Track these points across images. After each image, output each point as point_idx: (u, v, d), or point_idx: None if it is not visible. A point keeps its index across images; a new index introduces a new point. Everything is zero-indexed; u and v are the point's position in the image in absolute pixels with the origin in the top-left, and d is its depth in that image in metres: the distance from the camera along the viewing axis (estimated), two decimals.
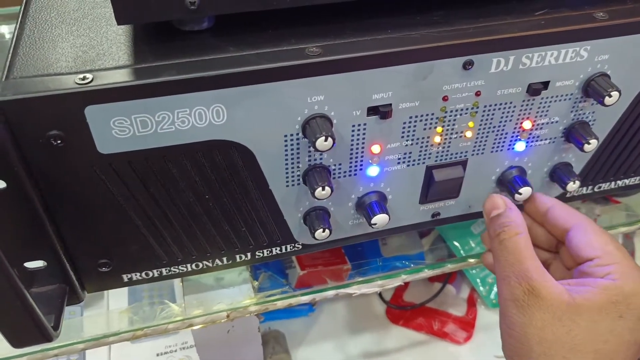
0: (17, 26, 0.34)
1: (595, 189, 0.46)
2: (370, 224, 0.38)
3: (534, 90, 0.36)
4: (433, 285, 0.63)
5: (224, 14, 0.32)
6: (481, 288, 0.61)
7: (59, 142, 0.30)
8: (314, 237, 0.37)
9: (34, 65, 0.30)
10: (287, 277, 0.59)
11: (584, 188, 0.45)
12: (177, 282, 0.47)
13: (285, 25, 0.34)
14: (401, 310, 0.62)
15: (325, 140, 0.32)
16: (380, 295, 0.63)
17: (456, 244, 0.59)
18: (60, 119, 0.29)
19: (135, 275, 0.38)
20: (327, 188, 0.34)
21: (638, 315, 0.33)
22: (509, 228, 0.35)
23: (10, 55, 0.31)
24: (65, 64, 0.30)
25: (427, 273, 0.46)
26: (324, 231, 0.37)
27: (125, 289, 0.56)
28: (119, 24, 0.30)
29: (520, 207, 0.40)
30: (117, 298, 0.55)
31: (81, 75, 0.29)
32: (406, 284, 0.66)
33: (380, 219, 0.38)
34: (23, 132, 0.29)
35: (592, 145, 0.39)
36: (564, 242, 0.37)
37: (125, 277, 0.38)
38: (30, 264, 0.34)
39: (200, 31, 0.33)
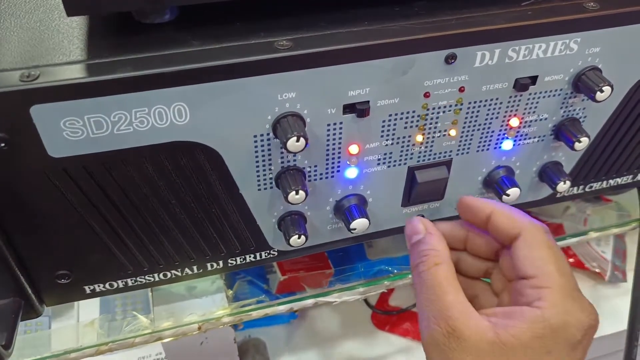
0: None
1: (587, 189, 0.44)
2: (350, 229, 0.36)
3: (522, 85, 0.34)
4: None
5: (188, 4, 0.29)
6: None
7: (2, 145, 0.27)
8: (289, 244, 0.35)
9: None
10: (268, 282, 0.57)
11: (575, 188, 0.43)
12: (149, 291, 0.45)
13: (254, 17, 0.31)
14: (387, 315, 0.59)
15: (297, 140, 0.29)
16: (365, 300, 0.61)
17: None
18: (3, 119, 0.26)
19: (99, 286, 0.36)
20: (301, 192, 0.32)
21: (567, 349, 0.29)
22: (427, 258, 0.32)
23: None
24: (10, 59, 0.28)
25: (411, 279, 0.44)
26: (299, 237, 0.35)
27: (97, 299, 0.53)
28: (69, 15, 0.27)
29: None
30: (88, 308, 0.52)
31: (27, 72, 0.26)
32: (391, 288, 0.64)
33: (359, 224, 0.35)
34: None
35: (583, 144, 0.36)
36: (508, 249, 0.32)
37: (87, 289, 0.35)
38: None
39: (161, 24, 0.31)
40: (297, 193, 0.32)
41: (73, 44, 0.29)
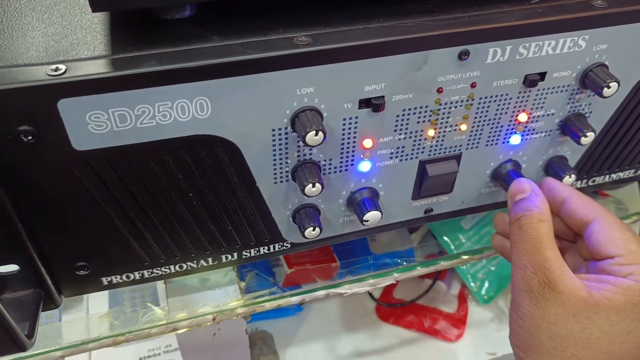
0: None
1: (590, 183, 0.45)
2: (362, 221, 0.37)
3: (531, 81, 0.35)
4: (423, 281, 0.62)
5: (208, 0, 0.30)
6: (472, 284, 0.60)
7: (29, 138, 0.27)
8: (304, 236, 0.36)
9: (1, 55, 0.28)
10: (274, 275, 0.57)
11: (579, 182, 0.44)
12: (160, 284, 0.45)
13: (272, 13, 0.32)
14: (391, 308, 0.60)
15: (316, 134, 0.30)
16: (369, 292, 0.62)
17: (446, 239, 0.58)
18: (31, 113, 0.27)
19: (116, 277, 0.36)
20: (317, 185, 0.33)
21: None
22: (531, 213, 0.34)
23: None
24: (35, 54, 0.28)
25: (420, 271, 0.45)
26: (314, 229, 0.36)
27: (105, 292, 0.54)
28: (93, 11, 0.28)
29: None
30: (97, 301, 0.52)
31: (53, 66, 0.27)
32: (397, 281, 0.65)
33: (372, 216, 0.36)
34: None
35: (589, 138, 0.37)
36: (582, 234, 0.35)
37: (104, 280, 0.36)
38: (1, 269, 0.31)
39: (182, 19, 0.31)
40: (313, 186, 0.33)
41: (96, 39, 0.30)
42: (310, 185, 0.33)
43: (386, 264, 0.62)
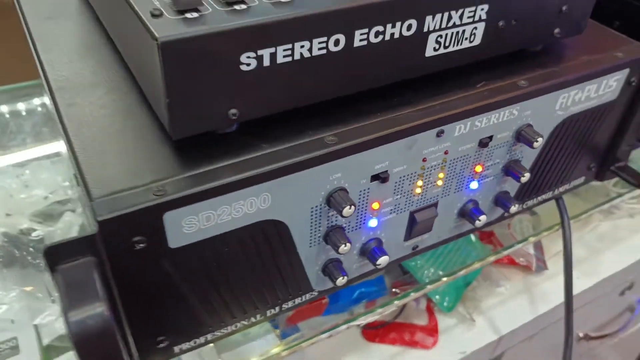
0: (67, 145, 0.38)
1: (524, 207, 0.58)
2: (376, 265, 0.47)
3: (483, 143, 0.47)
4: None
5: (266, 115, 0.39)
6: (436, 297, 0.72)
7: (140, 245, 0.35)
8: (336, 285, 0.45)
9: (107, 183, 0.35)
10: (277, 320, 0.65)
11: (518, 207, 0.57)
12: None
13: (299, 116, 0.41)
14: (375, 330, 0.70)
15: (350, 207, 0.40)
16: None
17: (412, 264, 0.69)
18: (144, 226, 0.34)
19: (185, 344, 0.43)
20: (348, 244, 0.42)
21: None
22: None
23: (80, 177, 0.35)
24: (133, 178, 0.35)
25: (397, 303, 0.56)
26: (343, 278, 0.45)
27: None
28: (174, 138, 0.36)
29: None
30: None
31: (155, 188, 0.35)
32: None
33: (383, 260, 0.46)
34: (113, 243, 0.34)
35: (526, 177, 0.50)
36: None
37: (176, 349, 0.43)
38: None
39: (231, 132, 0.40)
40: (345, 245, 0.42)
41: (173, 159, 0.37)
42: (343, 245, 0.42)
43: (363, 293, 0.73)
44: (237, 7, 0.35)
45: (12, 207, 0.72)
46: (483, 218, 0.51)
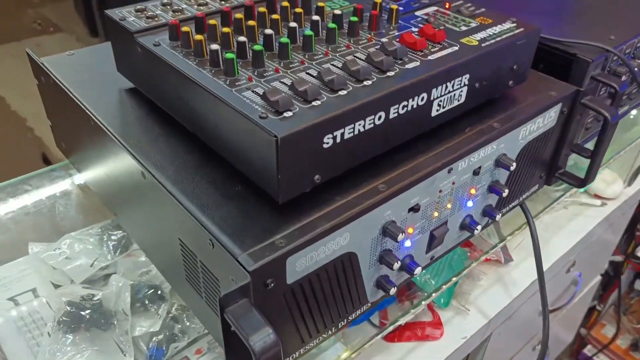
0: (193, 219, 0.50)
1: (502, 214, 0.75)
2: (413, 275, 0.61)
3: (476, 172, 0.63)
4: (404, 304, 0.88)
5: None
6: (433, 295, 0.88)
7: (271, 284, 0.47)
8: (389, 294, 0.59)
9: (241, 243, 0.47)
10: None
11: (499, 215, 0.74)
12: None
13: (353, 170, 0.55)
14: (393, 332, 0.84)
15: (402, 235, 0.54)
16: (371, 321, 0.85)
17: None
18: (274, 270, 0.47)
19: None
20: (398, 262, 0.57)
21: None
22: None
23: (217, 241, 0.47)
24: (259, 235, 0.48)
25: (413, 312, 0.71)
26: (394, 289, 0.59)
27: None
28: (281, 202, 0.49)
29: None
30: None
31: (278, 241, 0.47)
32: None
33: (418, 270, 0.61)
34: (256, 286, 0.46)
35: (506, 192, 0.67)
36: None
37: None
38: None
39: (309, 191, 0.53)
40: (398, 264, 0.57)
41: (279, 217, 0.50)
42: (397, 263, 0.57)
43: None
44: (314, 103, 0.49)
45: (59, 278, 0.80)
46: (479, 227, 0.67)
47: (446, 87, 0.58)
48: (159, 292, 0.77)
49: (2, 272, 0.80)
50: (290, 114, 0.48)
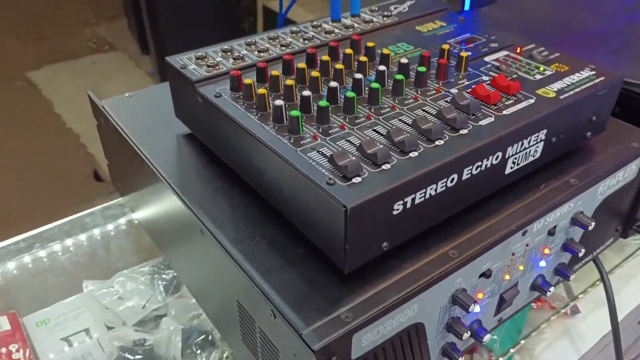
0: (256, 287, 0.48)
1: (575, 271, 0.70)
2: (482, 342, 0.57)
3: (551, 232, 0.59)
4: None
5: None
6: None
7: None
8: None
9: (304, 318, 0.44)
10: None
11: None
12: None
13: (421, 234, 0.52)
14: None
15: (475, 305, 0.50)
16: None
17: None
18: (340, 347, 0.44)
19: None
20: (468, 332, 0.53)
21: None
22: None
23: (280, 315, 0.45)
24: (323, 308, 0.45)
25: None
26: (461, 358, 0.55)
27: None
28: (347, 272, 0.46)
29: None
30: None
31: (343, 316, 0.44)
32: None
33: (487, 338, 0.57)
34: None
35: (582, 252, 0.62)
36: None
37: None
38: None
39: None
40: (467, 333, 0.53)
41: (344, 288, 0.47)
42: (466, 334, 0.53)
43: None
44: (384, 167, 0.46)
45: (112, 319, 0.79)
46: (552, 289, 0.62)
47: (522, 144, 0.54)
48: (210, 337, 0.75)
49: (58, 310, 0.80)
50: (359, 179, 0.45)
